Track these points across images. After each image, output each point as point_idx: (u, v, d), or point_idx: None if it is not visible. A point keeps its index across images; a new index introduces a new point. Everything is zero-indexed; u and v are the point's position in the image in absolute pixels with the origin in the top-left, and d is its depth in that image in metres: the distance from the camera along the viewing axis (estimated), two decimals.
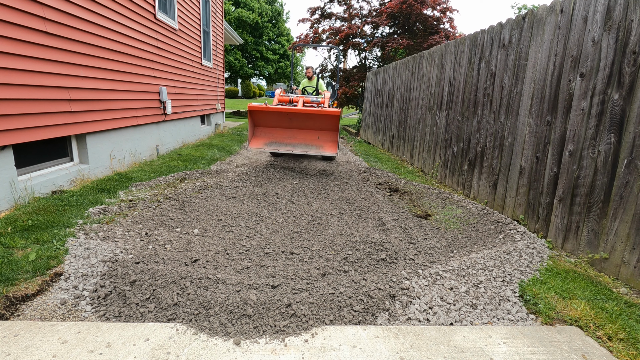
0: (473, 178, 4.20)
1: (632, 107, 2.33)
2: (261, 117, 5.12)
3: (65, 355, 1.52)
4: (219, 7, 9.84)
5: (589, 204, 2.62)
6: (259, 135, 5.31)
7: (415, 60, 6.37)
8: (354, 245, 2.56)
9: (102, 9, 4.19)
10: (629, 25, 2.39)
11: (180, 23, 6.74)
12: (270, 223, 3.23)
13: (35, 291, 1.96)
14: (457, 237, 3.03)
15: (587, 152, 2.65)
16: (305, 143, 5.22)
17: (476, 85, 4.19)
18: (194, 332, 1.69)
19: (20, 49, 3.06)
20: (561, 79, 2.92)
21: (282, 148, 5.13)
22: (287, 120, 5.11)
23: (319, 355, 1.59)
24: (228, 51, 24.74)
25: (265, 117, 5.10)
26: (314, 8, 15.02)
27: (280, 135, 5.30)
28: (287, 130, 5.30)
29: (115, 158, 4.70)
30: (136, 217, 3.10)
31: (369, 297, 1.98)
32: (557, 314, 1.97)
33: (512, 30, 3.57)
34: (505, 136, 3.60)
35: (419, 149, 6.01)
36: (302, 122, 5.09)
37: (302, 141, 5.23)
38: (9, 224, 2.64)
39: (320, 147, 5.15)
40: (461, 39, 4.60)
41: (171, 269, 2.11)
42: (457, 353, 1.64)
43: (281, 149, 5.12)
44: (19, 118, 3.08)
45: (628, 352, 1.69)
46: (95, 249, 2.38)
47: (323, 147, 5.13)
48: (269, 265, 2.38)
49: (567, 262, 2.62)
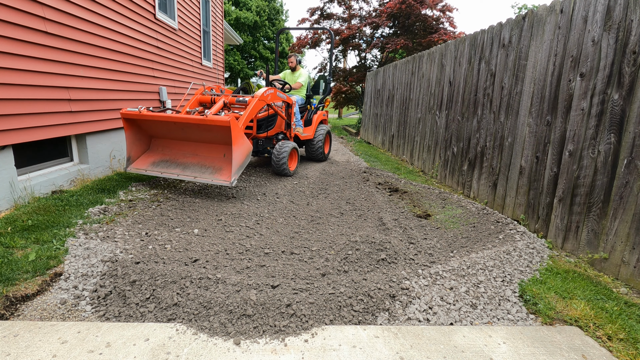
0: (473, 178, 4.20)
1: (632, 107, 2.33)
2: (143, 125, 3.95)
3: (65, 355, 1.51)
4: (219, 7, 9.84)
5: (589, 204, 2.62)
6: (152, 151, 4.14)
7: (415, 60, 6.37)
8: (354, 245, 2.56)
9: (102, 9, 4.19)
10: (629, 25, 2.39)
11: (180, 23, 6.74)
12: (270, 223, 3.23)
13: (35, 291, 1.96)
14: (457, 237, 3.03)
15: (587, 152, 2.65)
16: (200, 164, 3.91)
17: (476, 85, 4.19)
18: (194, 332, 1.69)
19: (20, 49, 3.06)
20: (561, 79, 2.92)
21: (168, 170, 3.86)
22: (179, 131, 3.90)
23: (319, 355, 1.59)
24: (227, 52, 24.73)
25: (146, 125, 3.93)
26: (314, 8, 15.02)
27: (173, 150, 4.11)
28: (183, 143, 4.08)
29: (115, 158, 4.70)
30: (136, 217, 3.10)
31: (368, 297, 1.98)
32: (557, 314, 1.97)
33: (512, 30, 3.57)
34: (505, 136, 3.60)
35: (419, 149, 6.01)
36: (195, 133, 3.87)
37: (200, 160, 3.95)
38: (9, 224, 2.64)
39: (218, 170, 3.80)
40: (461, 39, 4.61)
41: (171, 269, 2.11)
42: (457, 353, 1.64)
43: (167, 171, 3.85)
44: (19, 118, 3.08)
45: (628, 352, 1.69)
46: (95, 249, 2.38)
47: (219, 172, 3.77)
48: (269, 265, 2.38)
49: (567, 262, 2.62)
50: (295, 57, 6.23)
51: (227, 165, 3.81)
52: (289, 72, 6.33)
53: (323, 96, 6.85)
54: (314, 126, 6.24)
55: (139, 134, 4.03)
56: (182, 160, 3.99)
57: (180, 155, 4.05)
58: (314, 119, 6.30)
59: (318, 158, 6.37)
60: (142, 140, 4.10)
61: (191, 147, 4.05)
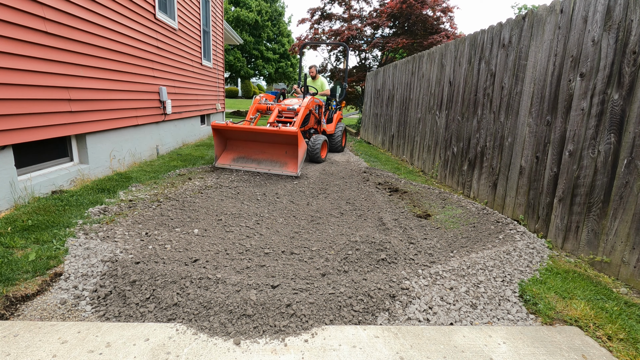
0: (473, 178, 4.20)
1: (632, 107, 2.33)
2: (227, 133, 5.11)
3: (65, 355, 1.52)
4: (219, 7, 9.84)
5: (589, 204, 2.62)
6: (229, 151, 5.31)
7: (415, 60, 6.37)
8: (354, 245, 2.56)
9: (102, 8, 4.19)
10: (629, 25, 2.39)
11: (180, 23, 6.74)
12: (270, 223, 3.23)
13: (35, 291, 1.96)
14: (457, 237, 3.03)
15: (587, 152, 2.65)
16: (272, 159, 5.12)
17: (476, 85, 4.19)
18: (194, 332, 1.69)
19: (20, 49, 3.06)
20: (561, 79, 2.92)
21: (247, 165, 5.09)
22: (253, 136, 5.05)
23: (319, 355, 1.59)
24: (228, 51, 24.69)
25: (231, 133, 5.10)
26: (314, 9, 15.02)
27: (248, 150, 5.26)
28: (256, 144, 5.22)
29: (115, 158, 4.70)
30: (136, 217, 3.10)
31: (368, 297, 1.98)
32: (557, 314, 1.97)
33: (512, 30, 3.57)
34: (505, 136, 3.60)
35: (419, 149, 6.01)
36: (268, 137, 4.99)
37: (269, 157, 5.14)
38: (9, 224, 2.64)
39: (285, 164, 5.02)
40: (461, 39, 4.61)
41: (171, 269, 2.11)
42: (457, 353, 1.64)
43: (247, 165, 5.08)
44: (19, 118, 3.08)
45: (628, 352, 1.69)
46: (95, 249, 2.38)
47: (287, 165, 5.00)
48: (269, 265, 2.38)
49: (567, 262, 2.62)
50: (315, 67, 7.85)
51: (289, 160, 5.03)
52: (310, 80, 7.80)
53: (340, 99, 8.05)
54: (334, 123, 7.55)
55: (221, 139, 5.19)
56: (254, 157, 5.18)
57: (252, 153, 5.21)
58: (334, 117, 7.60)
59: (337, 149, 7.57)
60: (222, 143, 5.26)
61: (260, 147, 5.19)
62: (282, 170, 4.90)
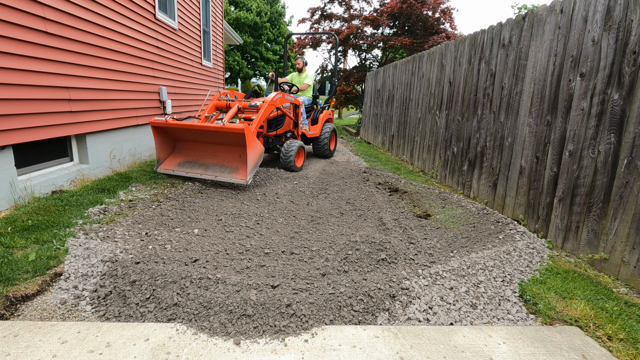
0: (473, 178, 4.20)
1: (632, 107, 2.33)
2: (171, 132, 4.48)
3: (65, 355, 1.52)
4: (219, 7, 9.84)
5: (589, 204, 2.62)
6: (177, 153, 4.65)
7: (415, 60, 6.37)
8: (354, 245, 2.56)
9: (102, 9, 4.19)
10: (629, 25, 2.39)
11: (180, 23, 6.74)
12: (270, 223, 3.23)
13: (35, 291, 1.96)
14: (457, 237, 3.03)
15: (587, 152, 2.65)
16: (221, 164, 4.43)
17: (476, 85, 4.19)
18: (194, 332, 1.69)
19: (20, 49, 3.06)
20: (561, 79, 2.92)
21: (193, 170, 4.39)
22: (200, 136, 4.41)
23: (319, 355, 1.59)
24: (227, 52, 24.71)
25: (175, 132, 4.46)
26: (314, 9, 15.02)
27: (198, 153, 4.59)
28: (207, 145, 4.55)
29: (115, 158, 4.70)
30: (136, 217, 3.10)
31: (368, 297, 1.98)
32: (557, 314, 1.97)
33: (512, 30, 3.57)
34: (505, 136, 3.60)
35: (419, 149, 6.01)
36: (217, 137, 4.33)
37: (220, 161, 4.45)
38: (9, 224, 2.64)
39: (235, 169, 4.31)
40: (461, 39, 4.61)
41: (171, 269, 2.11)
42: (457, 353, 1.64)
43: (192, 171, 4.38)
44: (19, 118, 3.08)
45: (628, 352, 1.69)
46: (95, 249, 2.38)
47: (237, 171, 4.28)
48: (269, 265, 2.38)
49: (567, 262, 2.62)
50: (302, 59, 6.58)
51: (243, 165, 4.31)
52: (296, 74, 6.65)
53: (329, 96, 7.14)
54: (320, 125, 6.58)
55: (165, 138, 4.54)
56: (203, 160, 4.51)
57: (202, 156, 4.55)
58: (320, 118, 6.63)
59: (324, 154, 6.67)
60: (168, 144, 4.61)
61: (211, 149, 4.55)
62: (231, 177, 4.17)
